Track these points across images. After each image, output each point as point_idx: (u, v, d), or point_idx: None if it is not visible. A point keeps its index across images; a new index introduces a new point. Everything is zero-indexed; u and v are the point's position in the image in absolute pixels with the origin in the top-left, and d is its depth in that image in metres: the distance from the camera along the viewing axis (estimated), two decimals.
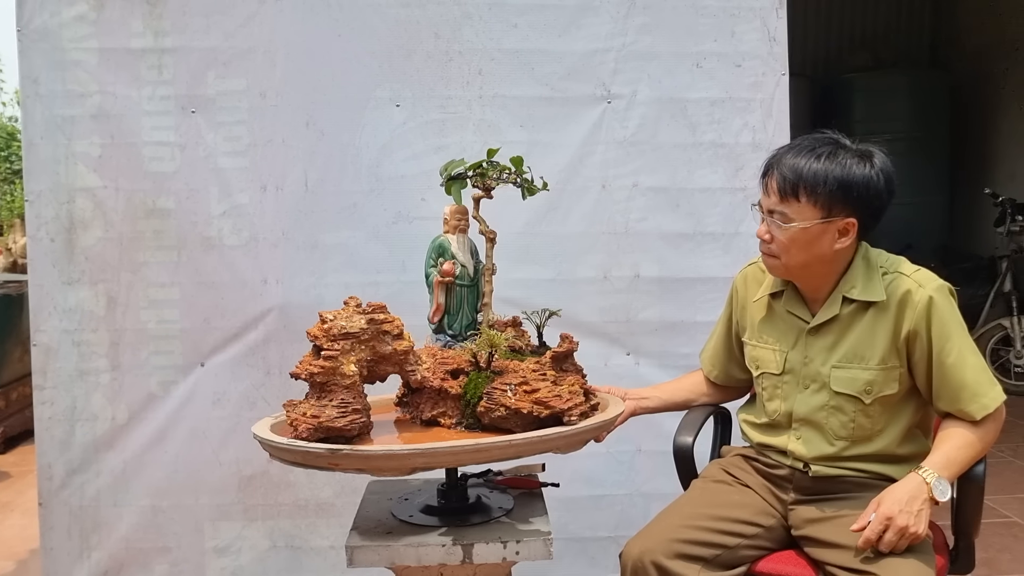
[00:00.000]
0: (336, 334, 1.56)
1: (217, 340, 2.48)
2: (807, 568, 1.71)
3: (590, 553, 2.54)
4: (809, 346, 1.77)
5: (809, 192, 1.65)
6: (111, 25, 2.40)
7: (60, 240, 2.45)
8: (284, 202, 2.46)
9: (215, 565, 2.53)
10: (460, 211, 1.82)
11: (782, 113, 2.54)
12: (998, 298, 5.44)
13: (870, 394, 1.70)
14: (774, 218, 1.70)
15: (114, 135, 2.43)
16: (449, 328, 1.79)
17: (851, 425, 1.73)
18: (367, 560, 1.55)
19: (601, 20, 2.48)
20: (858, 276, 1.72)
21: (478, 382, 1.63)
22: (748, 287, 1.92)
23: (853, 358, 1.72)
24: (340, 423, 1.50)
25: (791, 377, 1.80)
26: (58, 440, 2.47)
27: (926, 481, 1.59)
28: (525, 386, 1.57)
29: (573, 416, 1.57)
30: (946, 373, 1.66)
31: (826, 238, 1.67)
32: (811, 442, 1.77)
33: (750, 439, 1.93)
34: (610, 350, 2.49)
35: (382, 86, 2.47)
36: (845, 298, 1.72)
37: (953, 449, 1.65)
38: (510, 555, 1.56)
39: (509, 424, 1.58)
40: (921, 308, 1.66)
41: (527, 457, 1.62)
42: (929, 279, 1.69)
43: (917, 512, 1.56)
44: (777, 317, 1.84)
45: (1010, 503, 3.51)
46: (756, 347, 1.88)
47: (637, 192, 2.51)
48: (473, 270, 1.81)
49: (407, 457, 1.46)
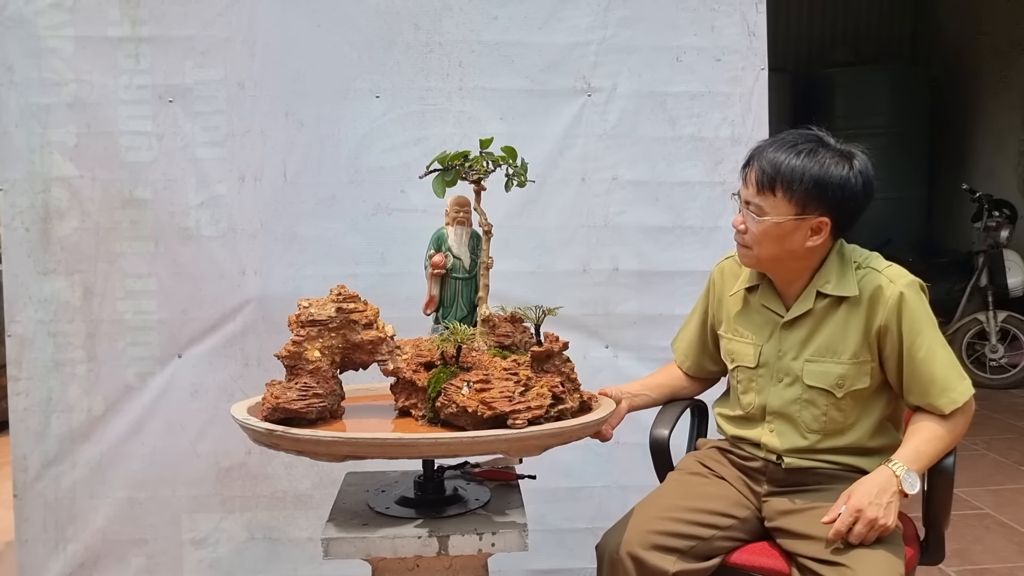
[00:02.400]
0: (304, 320, 1.62)
1: (195, 331, 2.47)
2: (780, 559, 1.74)
3: (568, 544, 2.55)
4: (783, 340, 1.79)
5: (785, 188, 1.66)
6: (88, 13, 2.38)
7: (35, 230, 2.42)
8: (262, 193, 2.45)
9: (192, 557, 2.52)
10: (459, 203, 1.79)
11: (761, 108, 2.55)
12: (974, 293, 5.51)
13: (842, 388, 1.72)
14: (750, 209, 1.72)
15: (90, 124, 2.41)
16: (444, 320, 1.77)
17: (823, 419, 1.75)
18: (343, 552, 1.55)
19: (581, 13, 2.48)
20: (832, 271, 1.74)
21: (441, 377, 1.61)
22: (725, 280, 1.94)
23: (826, 352, 1.73)
24: (297, 405, 1.56)
25: (765, 371, 1.82)
26: (33, 431, 2.45)
27: (895, 474, 1.62)
28: (482, 384, 1.54)
29: (518, 420, 1.49)
30: (916, 368, 1.68)
31: (798, 235, 1.69)
32: (784, 435, 1.79)
33: (725, 432, 1.95)
34: (589, 342, 2.50)
35: (361, 77, 2.45)
36: (819, 293, 1.74)
37: (923, 442, 1.67)
38: (486, 547, 1.56)
39: (460, 421, 1.55)
40: (892, 303, 1.68)
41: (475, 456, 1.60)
42: (900, 275, 1.72)
43: (886, 505, 1.59)
44: (752, 311, 1.86)
45: (982, 495, 3.56)
46: (731, 340, 1.89)
47: (617, 185, 2.52)
48: (470, 263, 1.78)
49: (333, 444, 1.48)
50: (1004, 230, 5.47)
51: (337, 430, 1.59)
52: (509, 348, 1.72)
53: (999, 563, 2.95)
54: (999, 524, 3.29)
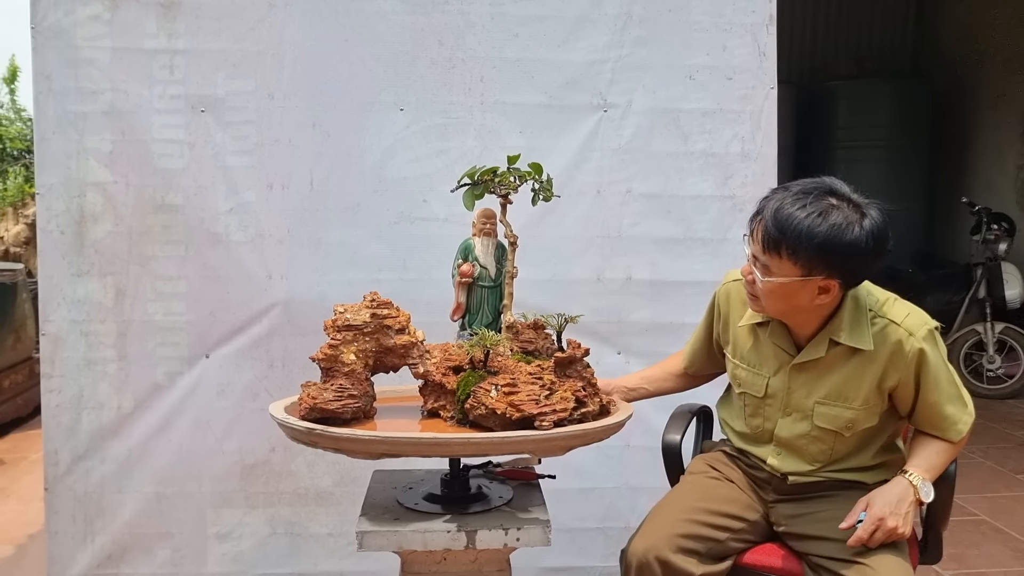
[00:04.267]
0: (340, 325, 1.72)
1: (222, 333, 2.55)
2: (791, 559, 1.82)
3: (579, 543, 2.64)
4: (792, 379, 1.82)
5: (791, 251, 1.62)
6: (125, 25, 2.47)
7: (70, 233, 2.51)
8: (289, 200, 2.54)
9: (216, 550, 2.60)
10: (485, 215, 1.88)
11: (770, 124, 2.64)
12: (973, 304, 5.59)
13: (851, 429, 1.78)
14: (757, 265, 1.70)
15: (125, 132, 2.49)
16: (470, 327, 1.86)
17: (829, 452, 1.82)
18: (376, 544, 1.64)
19: (599, 32, 2.58)
20: (845, 320, 1.72)
21: (470, 380, 1.70)
22: (732, 305, 1.94)
23: (837, 397, 1.77)
24: (333, 406, 1.66)
25: (774, 401, 1.86)
26: (65, 427, 2.54)
27: (912, 484, 1.70)
28: (510, 387, 1.62)
29: (545, 422, 1.58)
30: (929, 409, 1.75)
31: (804, 294, 1.67)
32: (789, 460, 1.86)
33: (730, 440, 2.02)
34: (602, 349, 2.58)
35: (387, 90, 2.54)
36: (832, 340, 1.74)
37: (933, 454, 1.76)
38: (511, 541, 1.66)
39: (489, 422, 1.64)
40: (912, 360, 1.70)
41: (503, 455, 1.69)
42: (918, 326, 1.71)
43: (904, 514, 1.66)
44: (762, 344, 1.86)
45: (979, 502, 3.65)
46: (739, 367, 1.92)
47: (631, 198, 2.61)
48: (496, 272, 1.87)
49: (371, 443, 1.57)
50: (1002, 243, 5.55)
51: (370, 429, 1.68)
52: (532, 354, 1.81)
53: (994, 567, 3.04)
54: (995, 530, 3.37)
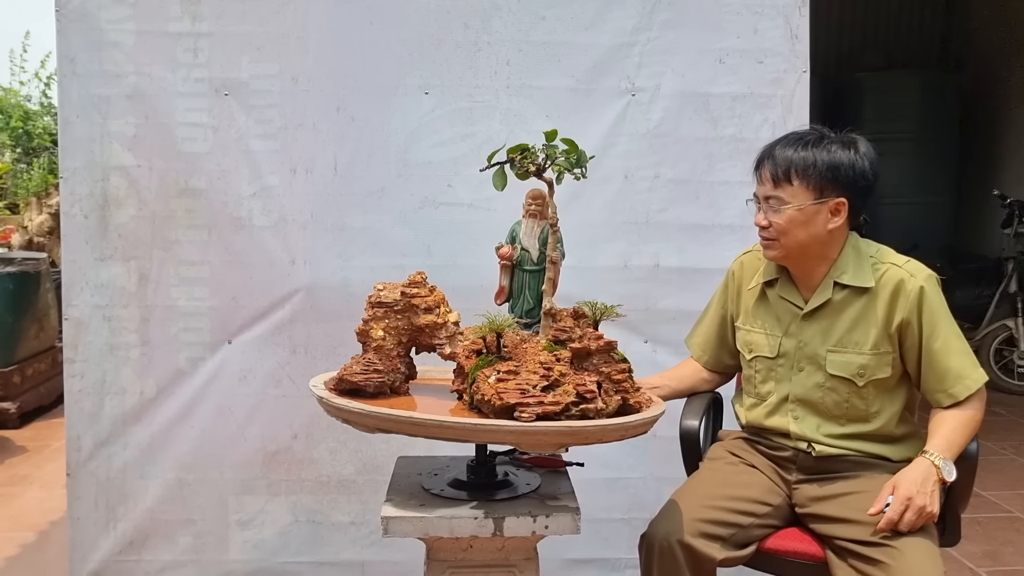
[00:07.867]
0: (374, 302, 1.75)
1: (245, 318, 2.53)
2: (813, 544, 1.81)
3: (603, 534, 2.60)
4: (803, 330, 1.88)
5: (801, 176, 1.79)
6: (149, 9, 2.45)
7: (94, 217, 2.50)
8: (313, 185, 2.51)
9: (238, 538, 2.59)
10: (532, 196, 1.81)
11: (802, 109, 2.58)
12: (1003, 299, 5.50)
13: (863, 377, 1.81)
14: (770, 204, 1.83)
15: (148, 115, 2.48)
16: (512, 311, 1.80)
17: (845, 405, 1.83)
18: (402, 530, 1.61)
19: (627, 15, 2.53)
20: (848, 263, 1.84)
21: (480, 364, 1.65)
22: (745, 273, 2.03)
23: (848, 343, 1.83)
24: (358, 378, 1.70)
25: (785, 360, 1.90)
26: (87, 413, 2.53)
27: (934, 463, 1.70)
28: (508, 374, 1.56)
29: (524, 413, 1.50)
30: (933, 357, 1.77)
31: (820, 218, 1.80)
32: (807, 420, 1.87)
33: (748, 425, 2.00)
34: (629, 337, 2.53)
35: (412, 74, 2.51)
36: (836, 283, 1.84)
37: (951, 432, 1.76)
38: (539, 529, 1.62)
39: (484, 408, 1.58)
40: (914, 297, 1.78)
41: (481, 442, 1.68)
42: (919, 269, 1.82)
43: (931, 493, 1.66)
44: (771, 304, 1.94)
45: (1013, 499, 3.58)
46: (750, 332, 1.97)
47: (659, 183, 2.56)
48: (539, 256, 1.79)
49: (368, 417, 1.59)
50: None
51: (391, 405, 1.64)
52: (564, 343, 1.72)
53: None
54: None
